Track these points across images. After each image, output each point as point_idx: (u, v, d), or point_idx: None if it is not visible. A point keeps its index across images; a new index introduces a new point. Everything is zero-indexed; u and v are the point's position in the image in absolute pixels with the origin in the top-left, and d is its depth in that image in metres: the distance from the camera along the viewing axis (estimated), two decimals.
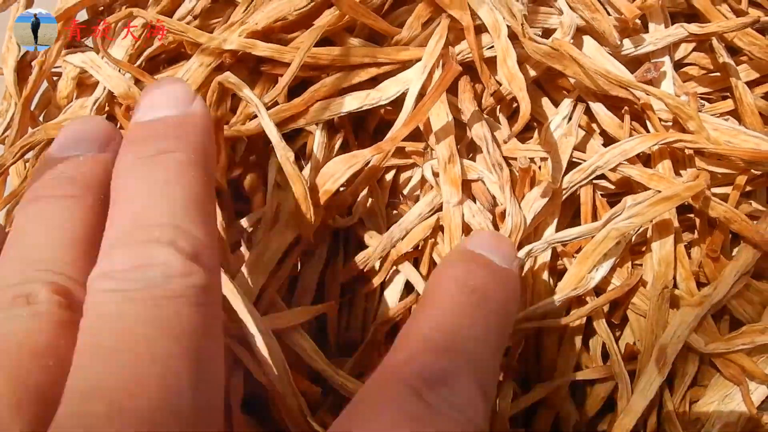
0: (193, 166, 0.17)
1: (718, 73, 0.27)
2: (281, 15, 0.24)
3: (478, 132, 0.25)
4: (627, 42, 0.26)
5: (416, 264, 0.25)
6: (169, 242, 0.15)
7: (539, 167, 0.24)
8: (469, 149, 0.26)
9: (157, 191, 0.16)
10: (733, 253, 0.25)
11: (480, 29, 0.25)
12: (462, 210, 0.24)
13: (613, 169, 0.24)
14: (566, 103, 0.26)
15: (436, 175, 0.25)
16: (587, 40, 0.26)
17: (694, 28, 0.25)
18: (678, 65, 0.27)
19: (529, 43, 0.23)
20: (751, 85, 0.27)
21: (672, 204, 0.23)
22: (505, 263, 0.18)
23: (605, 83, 0.24)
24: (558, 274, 0.25)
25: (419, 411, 0.15)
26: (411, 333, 0.17)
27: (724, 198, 0.25)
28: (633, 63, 0.26)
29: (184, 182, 0.16)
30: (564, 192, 0.24)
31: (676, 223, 0.24)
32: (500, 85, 0.25)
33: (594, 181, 0.25)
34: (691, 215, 0.25)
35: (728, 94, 0.27)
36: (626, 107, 0.25)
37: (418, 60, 0.25)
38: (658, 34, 0.26)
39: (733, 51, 0.27)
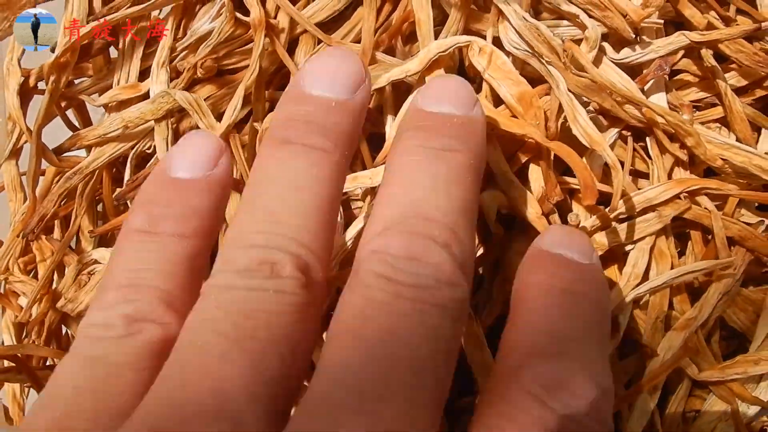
0: (472, 171, 0.17)
1: (707, 80, 0.27)
2: None
3: None
4: (627, 50, 0.25)
5: None
6: (445, 244, 0.15)
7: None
8: None
9: (439, 187, 0.16)
10: None
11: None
12: None
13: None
14: None
15: None
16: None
17: (696, 35, 0.24)
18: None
19: (572, 77, 0.22)
20: (739, 92, 0.26)
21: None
22: (585, 259, 0.18)
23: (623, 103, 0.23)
24: None
25: (547, 418, 0.15)
26: (516, 341, 0.16)
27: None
28: (630, 72, 0.25)
29: (462, 185, 0.16)
30: None
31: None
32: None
33: None
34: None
35: (717, 101, 0.26)
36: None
37: None
38: (660, 42, 0.25)
39: (720, 59, 0.26)
